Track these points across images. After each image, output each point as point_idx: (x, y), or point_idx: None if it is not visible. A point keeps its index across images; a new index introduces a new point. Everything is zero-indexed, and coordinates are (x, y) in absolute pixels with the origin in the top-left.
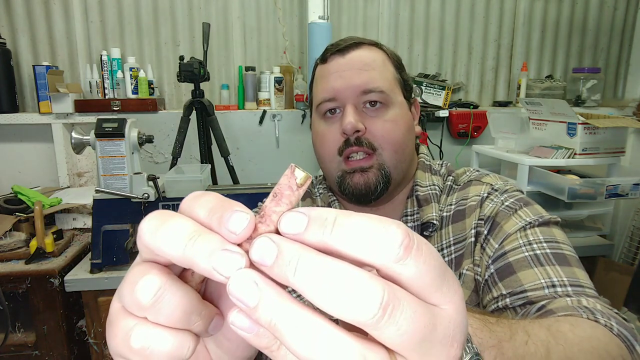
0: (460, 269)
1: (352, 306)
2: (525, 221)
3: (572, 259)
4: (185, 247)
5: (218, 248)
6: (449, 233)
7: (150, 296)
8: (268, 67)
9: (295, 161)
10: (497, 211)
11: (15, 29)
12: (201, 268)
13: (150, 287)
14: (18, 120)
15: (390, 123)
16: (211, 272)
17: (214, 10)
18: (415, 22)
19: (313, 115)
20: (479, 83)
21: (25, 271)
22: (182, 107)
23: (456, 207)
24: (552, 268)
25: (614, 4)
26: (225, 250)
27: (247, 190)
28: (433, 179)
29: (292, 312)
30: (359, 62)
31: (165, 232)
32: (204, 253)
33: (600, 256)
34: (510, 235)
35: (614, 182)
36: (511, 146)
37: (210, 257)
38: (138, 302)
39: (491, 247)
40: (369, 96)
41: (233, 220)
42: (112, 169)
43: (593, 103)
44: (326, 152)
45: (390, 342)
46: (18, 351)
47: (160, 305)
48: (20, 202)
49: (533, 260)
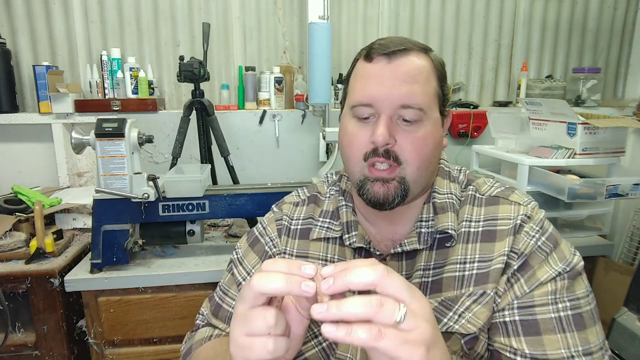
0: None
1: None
2: (555, 271)
3: (587, 318)
4: (285, 282)
5: (302, 281)
6: (475, 249)
7: (272, 325)
8: (268, 67)
9: (295, 161)
10: (530, 250)
11: (15, 29)
12: (295, 292)
13: (272, 318)
14: (18, 120)
15: (421, 140)
16: (301, 293)
17: (214, 10)
18: (415, 22)
19: (345, 110)
20: (479, 83)
21: (25, 271)
22: (182, 107)
23: (485, 226)
24: (571, 335)
25: (614, 4)
26: (306, 281)
27: (247, 190)
28: (451, 186)
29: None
30: (404, 72)
31: (270, 277)
32: (297, 284)
33: (600, 256)
34: (541, 284)
35: (614, 182)
36: (511, 146)
37: (301, 286)
38: (267, 328)
39: (520, 288)
40: (406, 111)
41: (306, 268)
42: (112, 169)
43: (593, 103)
44: (353, 155)
45: (392, 291)
46: (18, 351)
47: (276, 325)
48: (20, 202)
49: (557, 325)
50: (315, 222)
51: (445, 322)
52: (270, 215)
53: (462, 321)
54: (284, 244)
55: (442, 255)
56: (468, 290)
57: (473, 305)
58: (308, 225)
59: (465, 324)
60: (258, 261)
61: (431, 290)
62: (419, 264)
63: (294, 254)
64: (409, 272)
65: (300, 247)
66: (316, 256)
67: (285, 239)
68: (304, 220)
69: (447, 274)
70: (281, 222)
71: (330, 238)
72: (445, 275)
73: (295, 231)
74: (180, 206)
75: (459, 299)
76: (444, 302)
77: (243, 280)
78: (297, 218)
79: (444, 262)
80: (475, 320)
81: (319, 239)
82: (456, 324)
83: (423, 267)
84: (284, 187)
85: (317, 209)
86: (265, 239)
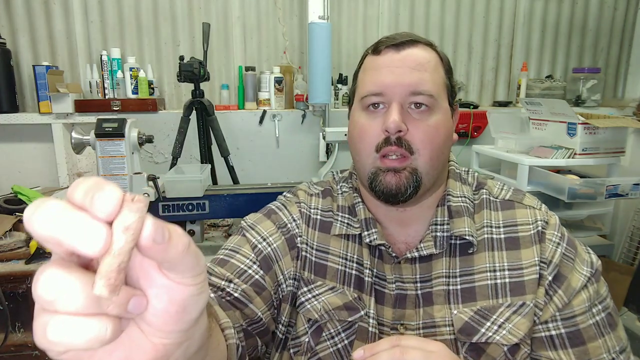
0: (521, 297)
1: None
2: (585, 277)
3: (615, 315)
4: (53, 225)
5: (82, 223)
6: (502, 257)
7: (50, 291)
8: (268, 67)
9: (295, 161)
10: (559, 260)
11: (15, 29)
12: (66, 244)
13: (48, 282)
14: (18, 120)
15: (433, 128)
16: (76, 246)
17: (214, 10)
18: (415, 22)
19: (354, 105)
20: (479, 83)
21: (25, 271)
22: (182, 107)
23: (507, 233)
24: (609, 338)
25: (614, 4)
26: (88, 225)
27: (247, 190)
28: (464, 189)
29: None
30: (413, 61)
31: (38, 214)
32: (68, 229)
33: (600, 256)
34: (577, 293)
35: (614, 182)
36: (511, 146)
37: (75, 233)
38: (42, 298)
39: (560, 299)
40: (417, 98)
41: (101, 199)
42: (112, 169)
43: (593, 103)
44: (364, 147)
45: None
46: (18, 351)
47: (64, 297)
48: (20, 202)
49: (597, 330)
50: (335, 216)
51: (484, 332)
52: (289, 197)
53: (503, 332)
54: (304, 232)
55: (467, 263)
56: (506, 301)
57: (513, 316)
58: (329, 218)
59: (507, 335)
60: (276, 230)
61: (464, 298)
62: (440, 270)
63: (314, 247)
64: (424, 276)
65: (320, 241)
66: (337, 253)
67: (305, 227)
68: (323, 211)
69: (479, 283)
70: (300, 206)
71: (350, 235)
72: (478, 284)
73: (315, 221)
74: (180, 206)
75: (496, 309)
76: (480, 312)
77: (258, 243)
78: (316, 208)
79: (471, 270)
80: (516, 331)
81: (340, 235)
82: (496, 334)
83: (445, 274)
84: (284, 187)
85: (333, 204)
86: (284, 213)
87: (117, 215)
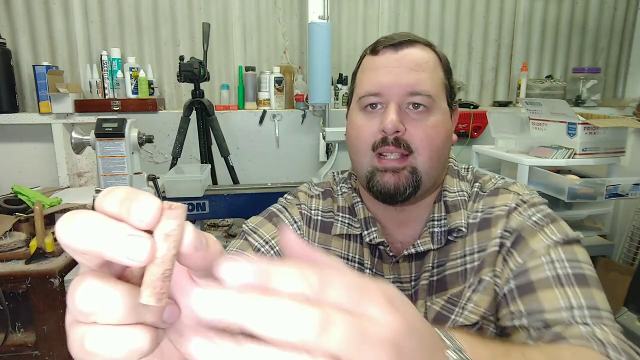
0: (480, 274)
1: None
2: (551, 239)
3: (591, 279)
4: (92, 238)
5: (124, 234)
6: (473, 240)
7: (89, 302)
8: (268, 67)
9: (295, 161)
10: (523, 225)
11: (15, 29)
12: (109, 256)
13: (86, 294)
14: (18, 120)
15: (432, 129)
16: (120, 258)
17: (214, 10)
18: (415, 22)
19: (352, 105)
20: (479, 83)
21: (25, 271)
22: (182, 107)
23: (483, 215)
24: (571, 289)
25: (614, 4)
26: (131, 235)
27: (247, 190)
28: (461, 184)
29: None
30: (411, 61)
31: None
32: (110, 241)
33: (600, 256)
34: (534, 252)
35: (614, 182)
36: (511, 146)
37: (118, 244)
38: (80, 310)
39: (514, 262)
40: (415, 98)
41: (140, 208)
42: (112, 169)
43: (593, 103)
44: (361, 146)
45: (334, 350)
46: (18, 351)
47: (102, 308)
48: (20, 202)
49: (554, 280)
50: (335, 216)
51: (453, 318)
52: (290, 199)
53: (465, 313)
54: (306, 234)
55: (444, 253)
56: (469, 283)
57: (473, 295)
58: (330, 219)
59: (468, 314)
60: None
61: (436, 289)
62: (427, 265)
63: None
64: (417, 274)
65: (321, 241)
66: (338, 253)
67: (306, 228)
68: (324, 212)
69: (449, 271)
70: (301, 208)
71: (351, 235)
72: (449, 272)
73: (316, 222)
74: None
75: (462, 293)
76: (450, 299)
77: (261, 247)
78: (316, 209)
79: (445, 260)
80: (477, 309)
81: (341, 235)
82: (460, 317)
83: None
84: (284, 187)
85: (334, 204)
86: (285, 215)
87: (158, 224)
